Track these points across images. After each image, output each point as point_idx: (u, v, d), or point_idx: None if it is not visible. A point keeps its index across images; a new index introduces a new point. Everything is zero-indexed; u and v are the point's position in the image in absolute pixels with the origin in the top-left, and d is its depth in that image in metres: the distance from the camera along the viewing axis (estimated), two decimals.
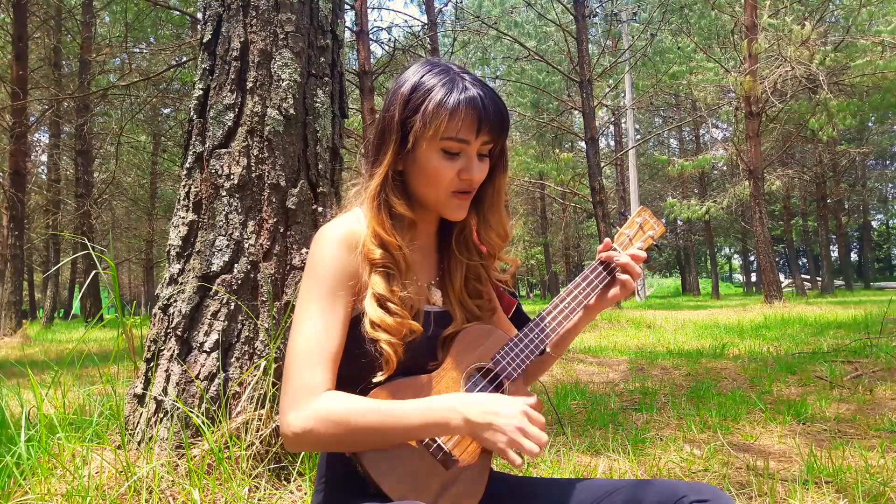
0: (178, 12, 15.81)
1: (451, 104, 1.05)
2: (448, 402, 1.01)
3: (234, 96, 2.21)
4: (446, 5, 15.77)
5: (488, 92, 1.08)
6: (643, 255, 1.26)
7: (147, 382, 2.13)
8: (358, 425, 0.99)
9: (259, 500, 1.87)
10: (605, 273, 1.26)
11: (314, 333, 1.05)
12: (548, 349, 1.29)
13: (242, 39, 2.23)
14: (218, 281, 2.12)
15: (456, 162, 1.09)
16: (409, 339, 1.08)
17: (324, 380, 1.03)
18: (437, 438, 1.05)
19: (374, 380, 1.05)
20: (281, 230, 2.19)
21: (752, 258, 42.73)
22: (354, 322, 1.08)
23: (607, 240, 1.29)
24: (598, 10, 15.92)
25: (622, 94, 22.53)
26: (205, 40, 2.28)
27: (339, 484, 1.11)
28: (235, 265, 2.14)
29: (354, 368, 1.07)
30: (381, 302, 1.07)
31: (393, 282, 1.09)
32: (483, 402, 1.00)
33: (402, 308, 1.08)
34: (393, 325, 1.05)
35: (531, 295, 47.57)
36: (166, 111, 20.55)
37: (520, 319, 1.25)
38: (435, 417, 0.99)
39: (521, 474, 2.27)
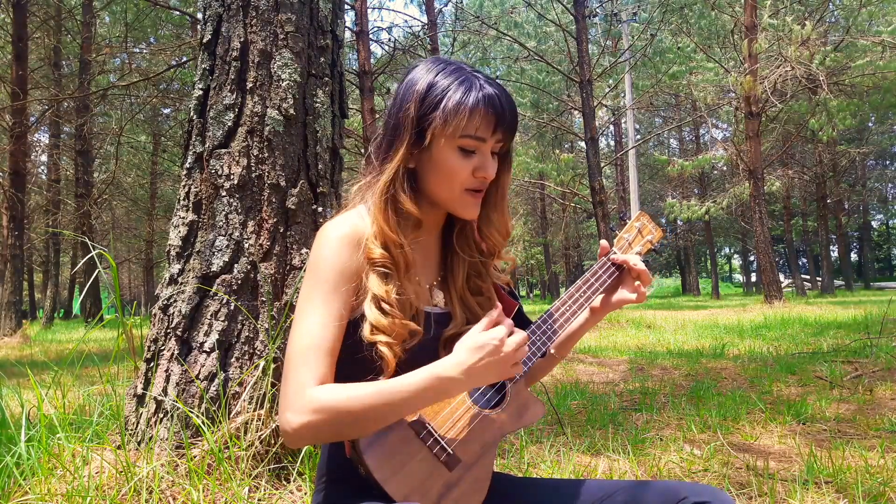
0: (178, 12, 15.83)
1: (471, 102, 1.06)
2: (439, 364, 1.01)
3: (234, 96, 2.21)
4: (446, 5, 15.79)
5: (503, 91, 1.10)
6: (644, 270, 1.25)
7: (147, 382, 2.13)
8: (353, 408, 0.98)
9: (259, 500, 1.87)
10: (605, 276, 1.25)
11: (312, 332, 1.04)
12: (551, 350, 1.28)
13: (242, 39, 2.23)
14: (218, 281, 2.12)
15: (471, 160, 1.09)
16: (411, 344, 1.07)
17: (320, 375, 1.02)
18: (440, 439, 1.05)
19: None
20: (281, 230, 2.19)
21: (752, 258, 42.72)
22: (355, 325, 1.07)
23: (604, 242, 1.28)
24: (598, 10, 15.86)
25: (622, 94, 22.51)
26: (205, 40, 2.28)
27: (341, 483, 1.11)
28: (235, 265, 2.14)
29: (356, 373, 1.06)
30: (378, 303, 1.06)
31: (390, 281, 1.08)
32: (465, 348, 1.02)
33: (398, 308, 1.07)
34: (388, 326, 1.05)
35: (531, 295, 47.55)
36: (166, 111, 20.58)
37: (521, 321, 1.24)
38: (432, 377, 1.00)
39: (521, 474, 2.27)
